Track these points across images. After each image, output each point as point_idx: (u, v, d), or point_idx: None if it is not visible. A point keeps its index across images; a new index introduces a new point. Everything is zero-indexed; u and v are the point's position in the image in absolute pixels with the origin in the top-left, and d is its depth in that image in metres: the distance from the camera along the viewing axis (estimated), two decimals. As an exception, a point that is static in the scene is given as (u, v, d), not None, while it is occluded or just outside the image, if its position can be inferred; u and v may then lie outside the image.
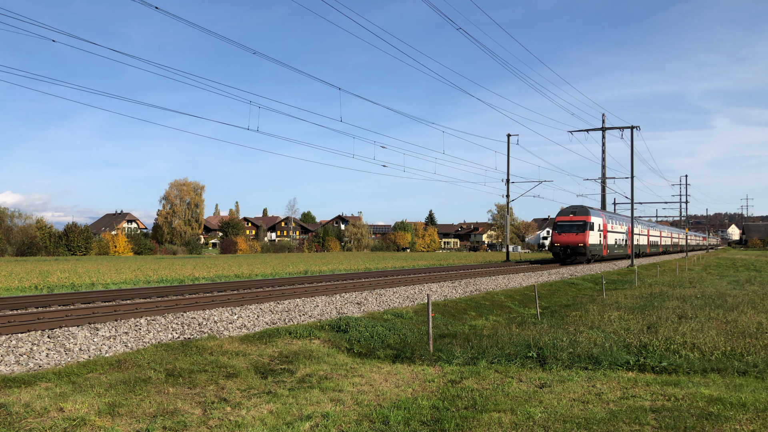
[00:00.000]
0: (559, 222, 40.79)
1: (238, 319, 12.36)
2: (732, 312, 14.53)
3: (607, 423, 6.07)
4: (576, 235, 39.26)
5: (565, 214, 41.19)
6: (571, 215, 40.58)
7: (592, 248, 40.13)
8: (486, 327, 13.67)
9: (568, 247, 39.30)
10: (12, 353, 8.66)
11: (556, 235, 40.31)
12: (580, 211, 40.78)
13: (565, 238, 39.55)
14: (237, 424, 6.20)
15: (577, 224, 39.92)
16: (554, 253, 40.11)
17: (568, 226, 40.05)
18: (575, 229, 39.62)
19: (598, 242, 41.67)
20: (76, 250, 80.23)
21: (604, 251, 44.03)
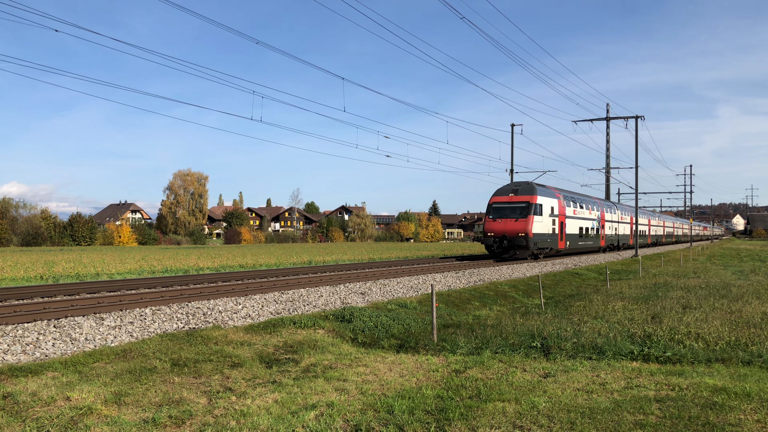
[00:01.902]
0: (495, 204, 31.27)
1: (242, 309, 12.39)
2: (736, 302, 14.50)
3: (612, 412, 6.08)
4: (515, 222, 29.66)
5: (503, 193, 31.65)
6: (510, 194, 31.18)
7: (538, 239, 30.44)
8: (490, 317, 13.68)
9: (504, 238, 29.78)
10: (18, 343, 8.71)
11: (489, 221, 30.69)
12: (524, 189, 31.27)
13: (500, 225, 30.11)
14: (242, 413, 6.23)
15: (517, 206, 30.30)
16: (486, 245, 30.73)
17: (506, 209, 30.62)
18: (515, 213, 30.08)
19: (550, 231, 32.13)
20: (81, 241, 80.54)
21: (561, 243, 34.03)
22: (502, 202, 31.20)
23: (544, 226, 31.29)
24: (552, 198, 32.91)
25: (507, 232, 29.79)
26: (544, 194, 31.91)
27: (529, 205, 30.19)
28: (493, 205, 31.31)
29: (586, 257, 37.97)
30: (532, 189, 31.20)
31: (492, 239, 30.24)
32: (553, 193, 33.74)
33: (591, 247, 40.84)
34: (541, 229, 30.83)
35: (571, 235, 36.08)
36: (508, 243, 29.91)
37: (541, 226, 30.80)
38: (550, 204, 32.25)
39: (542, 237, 31.07)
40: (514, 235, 29.70)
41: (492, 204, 31.46)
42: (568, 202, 35.80)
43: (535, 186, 31.65)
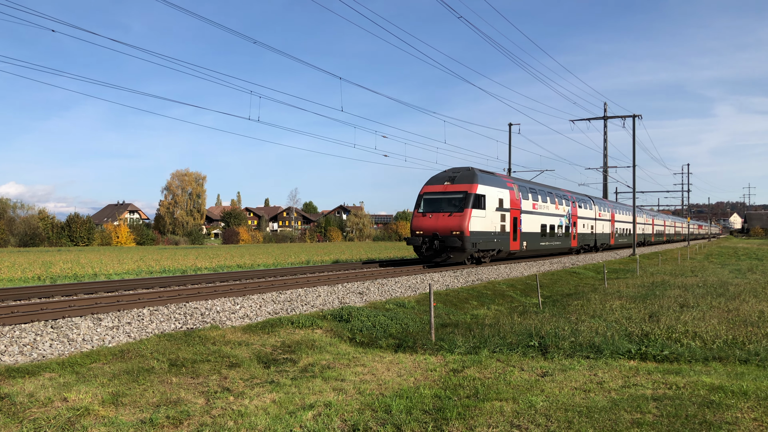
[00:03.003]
0: (427, 195, 25.26)
1: (240, 309, 12.38)
2: (734, 301, 14.53)
3: (609, 411, 6.09)
4: (449, 217, 23.81)
5: (437, 182, 25.62)
6: (446, 183, 25.23)
7: (478, 239, 24.30)
8: (488, 316, 13.69)
9: (435, 238, 23.69)
10: (15, 344, 8.70)
11: (418, 216, 24.74)
12: (462, 177, 25.17)
13: (430, 221, 24.15)
14: (240, 413, 6.22)
15: (452, 198, 24.43)
16: (414, 247, 24.35)
17: (439, 202, 24.77)
18: (449, 207, 24.28)
19: (496, 229, 26.08)
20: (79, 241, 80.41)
21: (515, 244, 28.03)
22: (434, 193, 25.08)
23: (488, 222, 25.26)
24: (501, 188, 26.95)
25: (439, 231, 23.63)
26: (488, 183, 25.81)
27: (467, 195, 24.05)
28: (424, 197, 25.17)
29: (583, 257, 37.88)
30: (472, 176, 24.96)
31: (420, 239, 23.93)
32: (502, 182, 27.70)
33: (558, 248, 34.50)
34: (483, 226, 24.73)
35: (529, 234, 29.93)
36: (440, 244, 23.58)
37: (483, 223, 24.72)
38: (497, 195, 26.28)
39: (485, 236, 25.01)
40: (446, 233, 23.48)
41: (423, 195, 25.31)
42: (524, 194, 29.75)
43: (477, 173, 25.34)
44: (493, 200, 25.86)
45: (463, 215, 23.70)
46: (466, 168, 25.94)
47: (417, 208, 25.23)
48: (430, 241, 23.94)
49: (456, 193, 24.58)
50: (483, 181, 25.36)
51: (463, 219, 23.60)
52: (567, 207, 36.08)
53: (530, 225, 30.26)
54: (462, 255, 23.99)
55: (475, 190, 24.43)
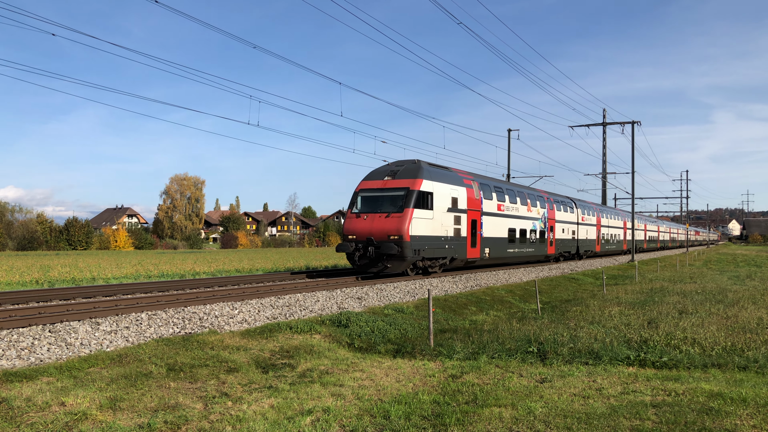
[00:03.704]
0: (363, 192, 21.40)
1: (239, 314, 12.36)
2: (732, 307, 14.53)
3: (608, 418, 6.08)
4: (386, 219, 19.98)
5: (376, 177, 21.76)
6: (386, 178, 21.29)
7: (423, 245, 20.47)
8: (486, 322, 13.68)
9: (370, 243, 19.99)
10: (13, 348, 8.67)
11: (351, 218, 20.95)
12: (405, 171, 21.26)
13: (365, 224, 20.36)
14: (238, 418, 6.21)
15: (391, 196, 20.68)
16: (347, 254, 20.53)
17: (377, 201, 20.94)
18: (388, 206, 20.41)
19: (449, 233, 22.14)
20: (77, 245, 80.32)
21: (473, 251, 24.09)
22: (372, 190, 21.18)
23: (437, 224, 21.31)
24: (455, 185, 23.00)
25: (374, 235, 19.86)
26: (438, 178, 21.81)
27: (409, 193, 20.18)
28: (360, 195, 21.27)
29: (582, 263, 37.84)
30: (417, 170, 21.07)
31: (353, 245, 20.12)
32: (458, 178, 23.72)
33: (531, 255, 30.67)
34: (429, 229, 20.79)
35: (493, 240, 25.92)
36: (375, 251, 19.75)
37: (429, 226, 20.79)
38: (449, 193, 22.32)
39: (432, 241, 20.97)
40: (382, 238, 19.72)
41: (359, 192, 21.37)
42: (487, 193, 25.83)
43: (423, 166, 21.50)
44: (443, 199, 21.89)
45: (402, 216, 19.75)
46: (411, 161, 22.11)
47: (351, 207, 21.36)
48: (364, 248, 20.04)
49: (396, 190, 20.67)
50: (430, 176, 21.39)
51: (402, 221, 19.66)
52: (542, 209, 32.18)
53: (494, 229, 26.30)
54: (401, 264, 19.87)
55: (419, 187, 20.43)
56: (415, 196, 20.29)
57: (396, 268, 20.09)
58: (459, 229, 22.99)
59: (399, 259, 19.73)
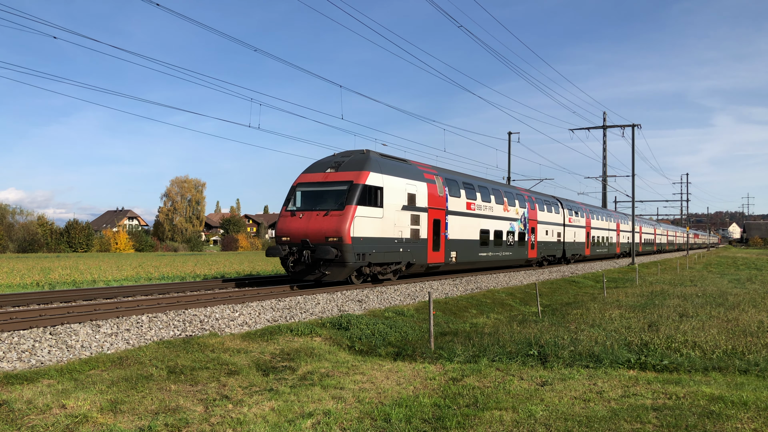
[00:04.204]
0: (301, 187, 18.84)
1: (239, 317, 12.37)
2: (733, 310, 14.53)
3: (609, 421, 6.08)
4: (324, 218, 17.45)
5: (318, 169, 19.18)
6: (328, 171, 18.75)
7: (367, 248, 17.81)
8: (487, 325, 13.68)
9: (305, 246, 17.38)
10: (14, 350, 8.68)
11: (285, 217, 18.31)
12: (351, 163, 18.70)
13: (301, 223, 17.74)
14: (239, 421, 6.21)
15: (333, 191, 18.10)
16: (281, 259, 17.94)
17: (316, 196, 18.41)
18: (327, 203, 17.93)
19: (402, 235, 19.42)
20: (78, 247, 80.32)
21: (435, 255, 21.38)
22: (311, 185, 18.58)
23: (388, 224, 18.62)
24: (412, 180, 20.24)
25: (310, 236, 17.28)
26: (390, 171, 19.13)
27: (352, 187, 17.57)
28: (298, 190, 18.68)
29: (582, 266, 37.77)
30: (363, 161, 18.45)
31: (286, 248, 17.62)
32: (417, 171, 20.91)
33: (508, 259, 28.03)
34: (377, 230, 18.14)
35: (461, 243, 23.21)
36: (311, 255, 17.17)
37: (377, 226, 18.14)
38: (404, 189, 19.61)
39: (381, 244, 18.37)
40: (320, 240, 17.13)
41: (296, 187, 18.79)
42: (453, 189, 23.04)
43: (372, 157, 18.92)
44: (396, 195, 19.17)
45: (342, 215, 17.07)
46: (359, 151, 19.50)
47: (286, 204, 18.62)
48: (299, 252, 17.41)
49: (337, 185, 17.95)
50: (380, 168, 18.68)
51: (342, 220, 16.98)
52: (522, 209, 29.55)
53: (463, 230, 23.47)
54: (342, 270, 17.22)
55: (364, 180, 17.77)
56: (360, 191, 17.60)
57: (336, 276, 17.41)
58: (417, 230, 20.27)
59: (339, 264, 17.11)
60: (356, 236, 17.26)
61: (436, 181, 21.95)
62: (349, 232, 17.06)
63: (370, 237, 17.89)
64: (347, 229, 17.03)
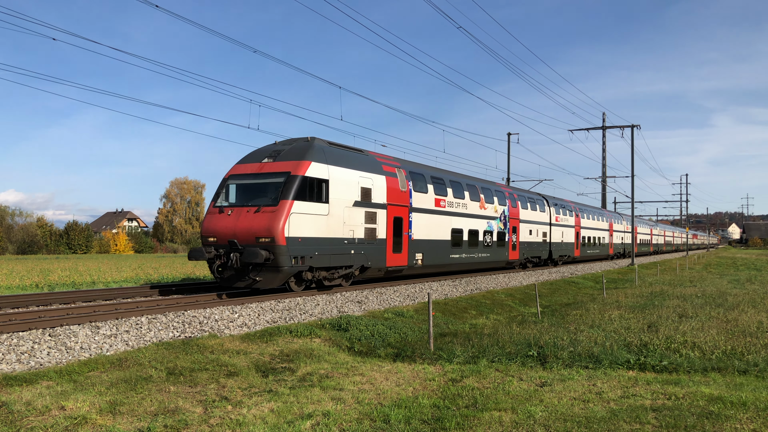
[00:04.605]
0: (234, 179, 16.63)
1: (239, 318, 12.37)
2: (732, 311, 14.54)
3: (608, 422, 6.08)
4: (255, 215, 15.22)
5: (254, 159, 16.94)
6: (266, 160, 16.49)
7: (308, 250, 15.56)
8: (486, 326, 13.68)
9: (233, 248, 15.14)
10: (13, 352, 8.67)
11: (213, 214, 16.07)
12: (291, 152, 16.47)
13: (229, 221, 15.47)
14: (238, 422, 6.21)
15: (268, 183, 15.92)
16: (208, 262, 15.78)
17: (249, 190, 16.23)
18: (261, 198, 15.71)
19: (354, 235, 17.27)
20: (77, 249, 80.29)
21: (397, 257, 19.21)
22: (244, 176, 16.36)
23: (335, 223, 16.38)
24: (367, 172, 18.03)
25: (239, 237, 15.02)
26: (338, 161, 16.92)
27: (289, 179, 15.28)
28: (229, 183, 16.47)
29: (582, 266, 37.71)
30: (305, 150, 16.18)
31: (212, 250, 15.37)
32: (373, 163, 18.70)
33: (484, 261, 25.69)
34: (320, 229, 15.86)
35: (428, 243, 21.01)
36: (240, 259, 14.78)
37: (321, 224, 15.89)
38: (357, 182, 17.41)
39: (326, 245, 16.10)
40: (249, 241, 14.88)
41: (227, 180, 16.59)
42: (419, 184, 20.88)
43: (317, 145, 16.67)
44: (347, 189, 16.97)
45: (276, 211, 14.78)
46: (303, 139, 17.22)
47: (215, 199, 16.38)
48: (226, 254, 15.08)
49: (273, 177, 15.70)
50: (325, 157, 16.43)
51: (275, 218, 14.69)
52: (502, 206, 27.31)
53: (430, 229, 21.19)
54: (276, 276, 14.94)
55: (304, 171, 15.48)
56: (298, 183, 15.25)
57: (269, 282, 15.10)
58: (373, 229, 18.05)
59: (272, 269, 14.81)
60: (292, 236, 14.98)
61: (397, 174, 19.71)
62: (283, 231, 14.73)
63: (311, 237, 15.61)
64: (281, 228, 14.70)
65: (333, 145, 17.69)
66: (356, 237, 17.37)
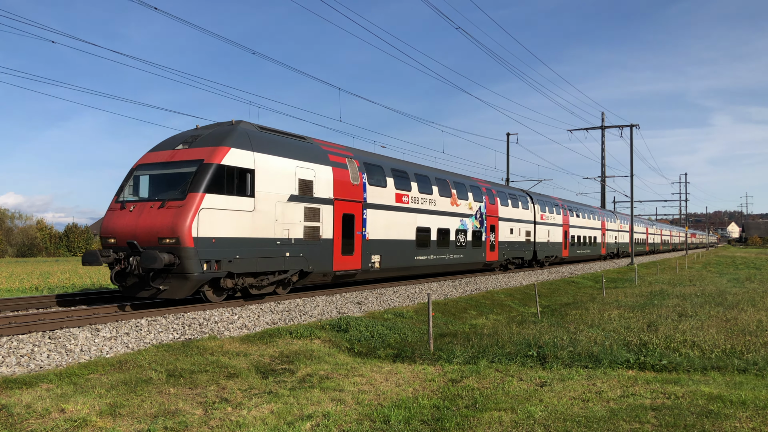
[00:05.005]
0: (143, 169, 14.16)
1: (238, 319, 12.37)
2: (732, 310, 14.55)
3: (608, 421, 6.09)
4: (159, 211, 12.75)
5: (167, 146, 14.53)
6: (180, 147, 14.10)
7: (224, 253, 13.05)
8: (486, 326, 13.69)
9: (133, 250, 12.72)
10: (13, 354, 8.67)
11: (114, 211, 13.61)
12: (209, 137, 14.00)
13: (130, 219, 13.07)
14: (238, 424, 6.21)
15: (178, 174, 13.45)
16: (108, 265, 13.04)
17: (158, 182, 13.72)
18: (169, 192, 13.17)
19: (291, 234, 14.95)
20: (77, 251, 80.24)
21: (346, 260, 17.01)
22: (154, 166, 13.98)
23: (264, 220, 14.06)
24: (308, 162, 15.76)
25: (139, 237, 12.80)
26: (268, 149, 14.61)
27: (202, 168, 13.03)
28: (136, 173, 14.13)
29: (582, 266, 37.69)
30: (226, 135, 13.89)
31: (111, 253, 13.02)
32: (317, 152, 16.46)
33: (457, 263, 23.41)
34: (243, 227, 13.55)
35: (387, 244, 18.82)
36: (140, 264, 12.50)
37: (244, 222, 13.58)
38: (293, 172, 15.07)
39: (251, 247, 13.72)
40: (151, 242, 12.63)
41: (134, 170, 14.23)
42: (376, 176, 18.64)
43: (241, 129, 14.29)
44: (280, 180, 14.61)
45: (182, 207, 12.52)
46: (228, 122, 14.82)
47: (119, 193, 13.98)
48: (126, 258, 12.82)
49: (184, 165, 13.36)
50: (251, 143, 14.11)
51: (180, 214, 12.44)
52: (477, 203, 25.26)
53: (390, 228, 19.00)
54: (183, 284, 12.55)
55: (221, 159, 13.18)
56: (212, 173, 12.96)
57: (175, 291, 12.65)
58: (316, 227, 15.71)
59: (178, 276, 12.48)
60: (204, 236, 12.60)
61: (348, 165, 17.36)
62: (190, 230, 12.40)
63: (230, 237, 13.22)
64: (187, 227, 12.35)
65: (265, 130, 15.28)
66: (293, 237, 15.01)
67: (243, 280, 13.94)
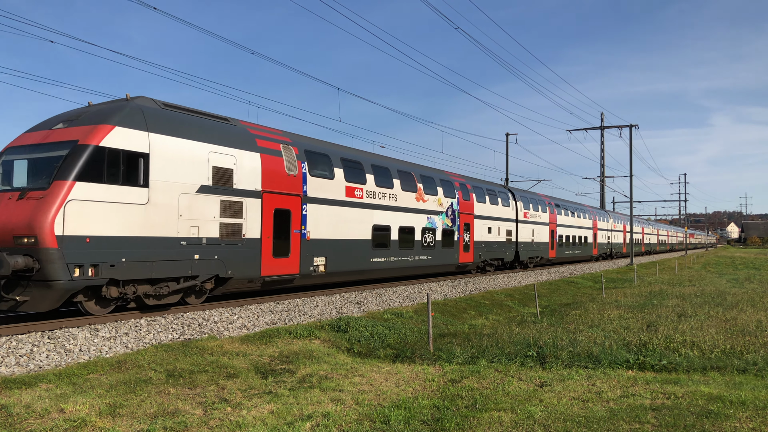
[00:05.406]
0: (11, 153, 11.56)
1: (238, 320, 12.36)
2: (731, 310, 14.56)
3: (607, 421, 6.08)
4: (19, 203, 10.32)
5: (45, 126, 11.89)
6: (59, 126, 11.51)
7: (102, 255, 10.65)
8: (486, 326, 13.69)
9: None
10: (12, 354, 8.67)
11: None
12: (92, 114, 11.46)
13: None
14: (238, 424, 6.21)
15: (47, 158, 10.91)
16: None
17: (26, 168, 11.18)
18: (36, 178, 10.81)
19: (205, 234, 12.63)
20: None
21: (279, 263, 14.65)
22: (24, 149, 11.62)
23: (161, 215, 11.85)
24: (228, 146, 13.53)
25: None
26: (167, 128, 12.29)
27: (75, 150, 10.78)
28: (5, 159, 11.75)
29: (581, 266, 37.69)
30: (112, 112, 11.56)
31: None
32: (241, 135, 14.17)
33: (424, 265, 21.19)
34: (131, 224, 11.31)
35: (335, 244, 16.69)
36: None
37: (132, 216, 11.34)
38: (205, 158, 12.87)
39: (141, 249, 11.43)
40: (7, 242, 10.31)
41: (2, 154, 11.88)
42: (321, 167, 16.44)
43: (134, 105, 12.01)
44: (185, 167, 12.40)
45: (44, 198, 10.35)
46: (123, 99, 12.61)
47: None
48: None
49: (56, 147, 11.15)
50: (144, 122, 11.89)
51: (40, 207, 10.26)
52: (450, 199, 22.81)
53: (338, 226, 16.84)
54: (46, 294, 10.34)
55: (100, 140, 10.99)
56: (87, 157, 10.73)
57: (36, 303, 10.46)
58: (237, 225, 13.50)
59: (39, 284, 10.29)
60: (72, 234, 10.40)
61: (283, 152, 15.06)
62: (52, 226, 10.14)
63: (111, 236, 10.98)
64: (48, 223, 10.12)
65: (170, 108, 12.89)
66: (204, 236, 12.74)
67: (135, 288, 11.66)
